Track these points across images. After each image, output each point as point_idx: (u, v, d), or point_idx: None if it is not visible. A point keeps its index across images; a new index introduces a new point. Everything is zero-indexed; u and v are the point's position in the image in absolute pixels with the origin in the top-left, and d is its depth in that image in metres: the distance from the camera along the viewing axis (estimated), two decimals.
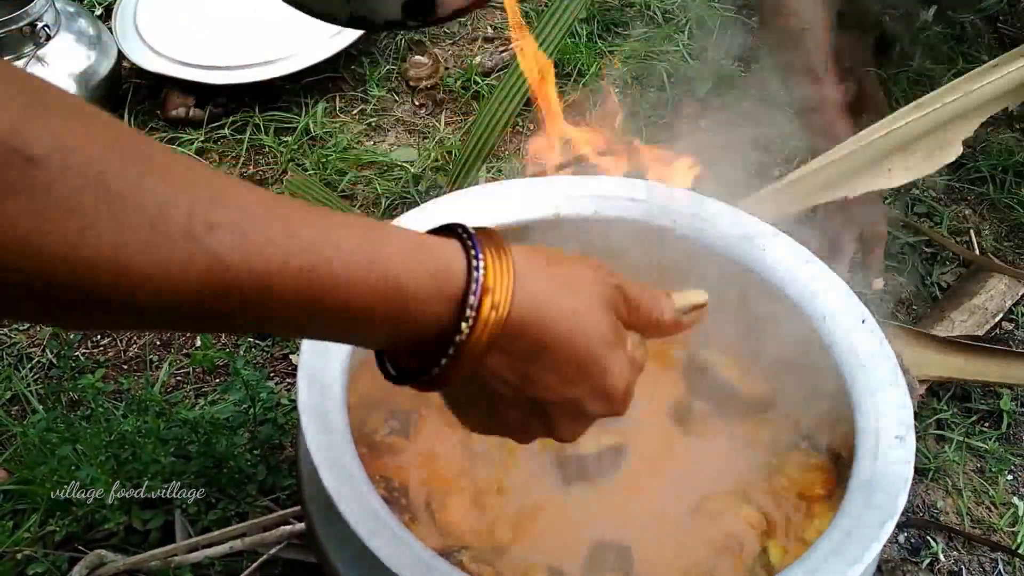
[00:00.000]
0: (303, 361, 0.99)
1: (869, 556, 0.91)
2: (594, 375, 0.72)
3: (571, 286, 0.72)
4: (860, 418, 1.04)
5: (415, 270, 0.64)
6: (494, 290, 0.65)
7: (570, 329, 0.70)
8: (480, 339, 0.66)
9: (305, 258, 0.60)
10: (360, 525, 0.87)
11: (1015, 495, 1.57)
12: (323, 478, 0.89)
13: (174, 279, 0.55)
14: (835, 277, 1.15)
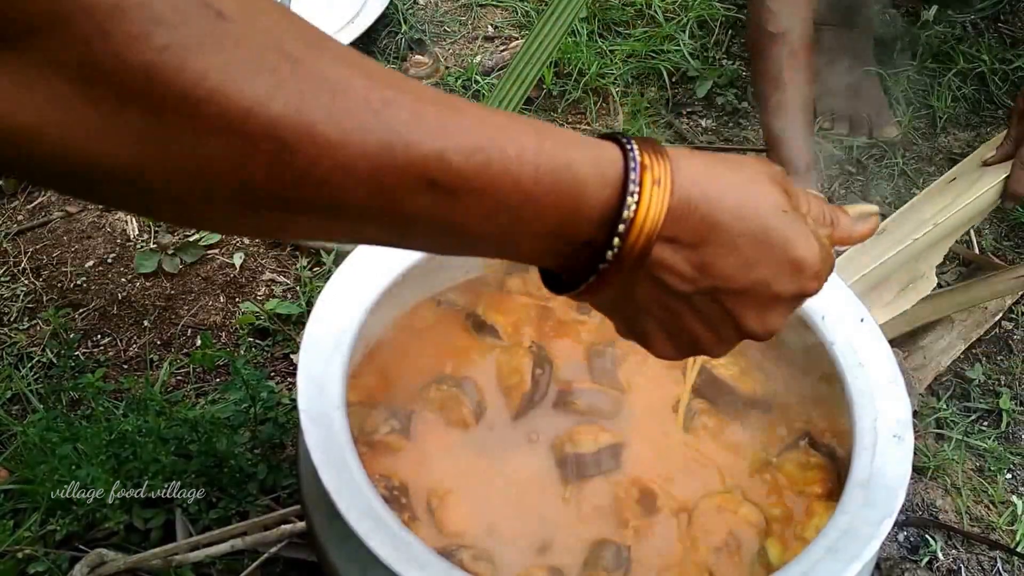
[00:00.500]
0: (303, 363, 1.00)
1: (867, 554, 0.91)
2: (776, 246, 0.66)
3: (731, 165, 0.67)
4: (858, 417, 1.05)
5: (578, 158, 0.63)
6: (652, 167, 0.63)
7: (739, 201, 0.65)
8: (646, 222, 0.63)
9: (479, 139, 0.60)
10: (359, 524, 0.87)
11: (1014, 494, 1.58)
12: (322, 478, 0.89)
13: (354, 147, 0.55)
14: (836, 277, 1.16)
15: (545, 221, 0.63)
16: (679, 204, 0.64)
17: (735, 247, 0.65)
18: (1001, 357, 1.76)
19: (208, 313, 1.69)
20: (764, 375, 1.22)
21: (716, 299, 0.67)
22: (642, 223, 0.63)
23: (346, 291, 1.09)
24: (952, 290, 1.64)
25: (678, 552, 1.10)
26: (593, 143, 0.65)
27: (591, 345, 1.26)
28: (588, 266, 0.65)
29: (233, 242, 1.80)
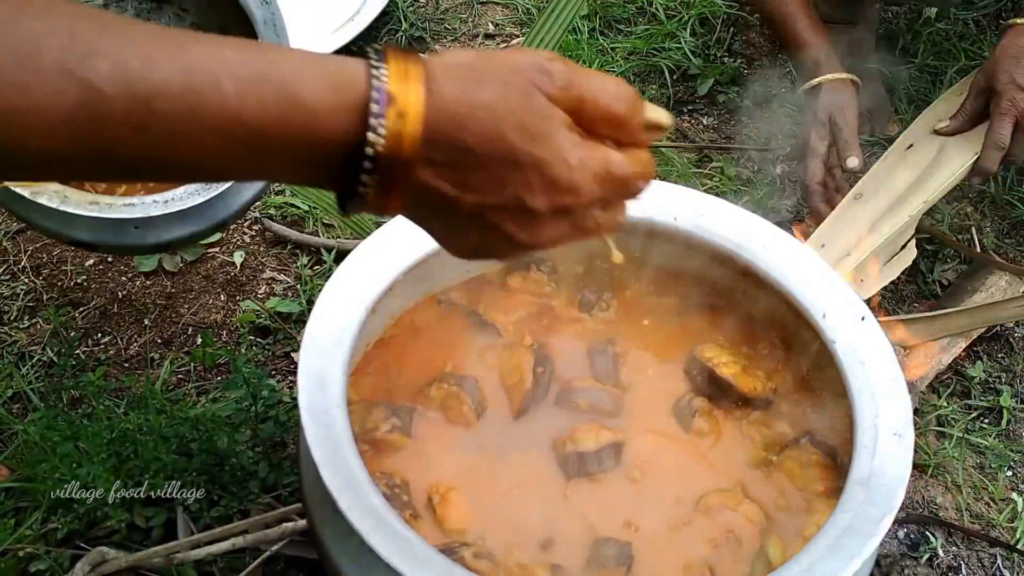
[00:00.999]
0: (303, 361, 1.00)
1: (867, 551, 0.92)
2: (524, 166, 0.67)
3: (487, 80, 0.66)
4: (859, 415, 1.05)
5: (311, 82, 0.61)
6: (397, 97, 0.62)
7: (487, 125, 0.65)
8: (399, 151, 0.63)
9: (191, 78, 0.58)
10: (360, 522, 0.87)
11: (1014, 491, 1.58)
12: (323, 476, 0.90)
13: (46, 116, 0.55)
14: (835, 274, 1.17)
15: (282, 152, 0.62)
16: (432, 131, 0.64)
17: (487, 167, 0.66)
18: (1002, 355, 1.77)
19: (208, 311, 1.69)
20: (765, 374, 1.22)
21: (481, 212, 0.68)
22: (394, 154, 0.63)
23: (347, 289, 1.09)
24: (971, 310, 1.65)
25: (679, 549, 1.10)
26: (334, 64, 0.63)
27: (592, 343, 1.26)
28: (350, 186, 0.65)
29: (233, 240, 1.80)
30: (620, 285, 1.31)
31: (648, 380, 1.24)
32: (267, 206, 1.85)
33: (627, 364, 1.25)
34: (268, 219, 1.82)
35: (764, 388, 1.21)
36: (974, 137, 1.75)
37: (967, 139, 1.76)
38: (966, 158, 1.74)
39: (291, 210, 1.84)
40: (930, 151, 1.77)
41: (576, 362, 1.25)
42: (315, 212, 1.83)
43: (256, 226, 1.83)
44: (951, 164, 1.73)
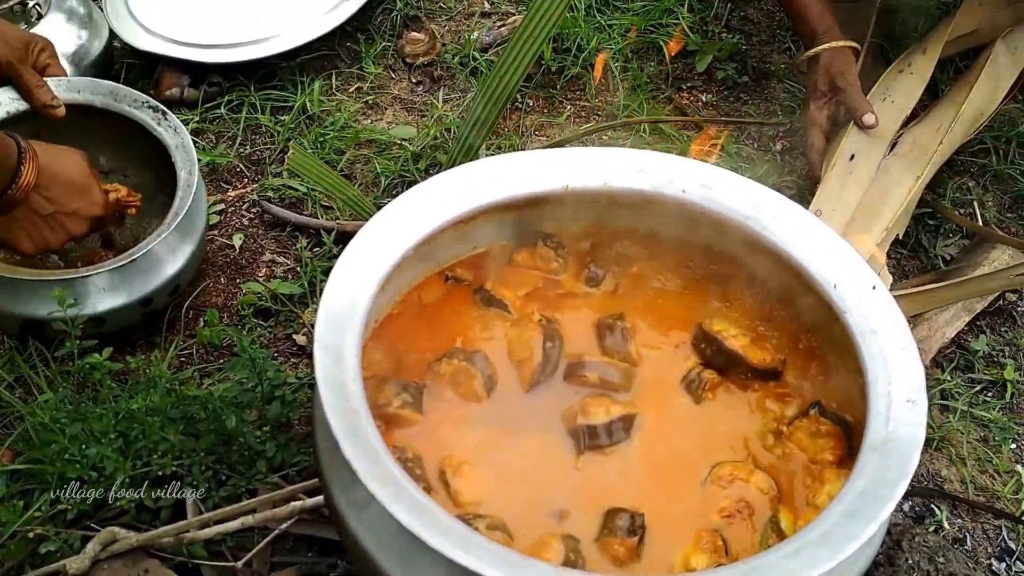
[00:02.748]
0: (319, 333, 1.02)
1: (883, 515, 0.94)
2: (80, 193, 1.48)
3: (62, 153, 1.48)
4: (871, 383, 1.07)
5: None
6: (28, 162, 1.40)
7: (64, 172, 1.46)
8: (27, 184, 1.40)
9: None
10: (381, 491, 0.89)
11: (1019, 463, 1.61)
12: (343, 446, 0.91)
13: None
14: (844, 244, 1.18)
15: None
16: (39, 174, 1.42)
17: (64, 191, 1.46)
18: (1005, 328, 1.79)
19: (209, 295, 1.71)
20: (774, 345, 1.24)
21: (56, 216, 1.46)
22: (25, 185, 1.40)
23: (359, 265, 1.11)
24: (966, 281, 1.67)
25: (690, 519, 1.12)
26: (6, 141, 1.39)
27: (600, 318, 1.28)
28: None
29: (232, 223, 1.82)
30: (627, 259, 1.33)
31: (657, 353, 1.26)
32: (264, 188, 1.86)
33: (636, 338, 1.27)
34: (266, 201, 1.84)
35: (773, 359, 1.24)
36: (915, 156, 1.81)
37: (905, 158, 1.81)
38: (916, 172, 1.78)
39: (289, 192, 1.86)
40: (872, 160, 1.80)
41: (585, 337, 1.27)
42: (313, 194, 1.85)
43: (254, 209, 1.84)
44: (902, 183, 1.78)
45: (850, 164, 1.77)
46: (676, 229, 1.28)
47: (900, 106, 1.86)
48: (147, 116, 1.62)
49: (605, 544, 1.08)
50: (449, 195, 1.21)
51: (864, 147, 1.80)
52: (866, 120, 1.78)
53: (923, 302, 1.66)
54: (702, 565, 1.07)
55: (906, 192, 1.75)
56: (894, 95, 1.87)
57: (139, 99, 1.64)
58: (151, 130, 1.61)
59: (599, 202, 1.27)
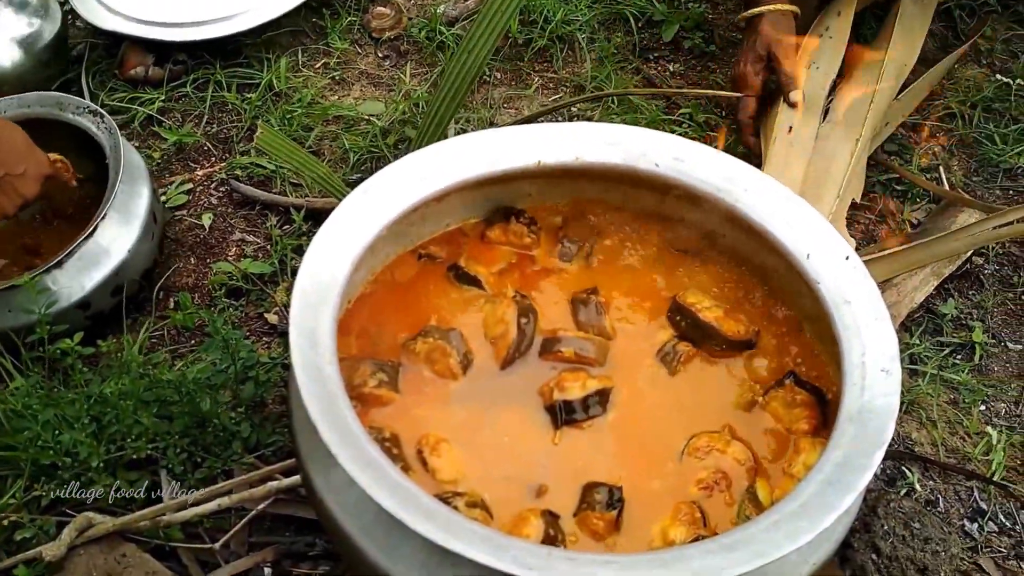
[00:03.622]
0: (295, 316, 1.00)
1: (861, 484, 0.94)
2: (25, 157, 1.50)
3: (3, 125, 1.51)
4: (846, 353, 1.07)
5: None
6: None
7: (6, 137, 1.48)
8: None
9: None
10: (361, 474, 0.88)
11: (988, 424, 1.61)
12: (321, 431, 0.90)
13: None
14: (818, 215, 1.18)
15: None
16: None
17: (2, 157, 1.47)
18: (973, 291, 1.79)
19: (180, 275, 1.68)
20: (748, 316, 1.24)
21: (7, 180, 1.48)
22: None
23: (332, 246, 1.10)
24: (933, 240, 1.67)
25: (668, 491, 1.12)
26: None
27: (574, 293, 1.27)
28: None
29: (201, 202, 1.79)
30: (601, 234, 1.32)
31: (632, 327, 1.26)
32: (233, 167, 1.83)
33: (611, 312, 1.26)
34: (235, 180, 1.81)
35: (747, 331, 1.23)
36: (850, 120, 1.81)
37: (841, 124, 1.81)
38: (855, 135, 1.78)
39: (257, 170, 1.83)
40: (810, 130, 1.80)
41: (559, 312, 1.26)
42: (282, 172, 1.82)
43: (223, 188, 1.82)
44: (843, 148, 1.77)
45: (789, 137, 1.77)
46: (649, 203, 1.27)
47: (826, 71, 1.86)
48: (87, 121, 1.63)
49: (584, 519, 1.08)
50: (421, 174, 1.20)
51: (799, 118, 1.80)
52: (792, 97, 1.78)
53: (892, 266, 1.67)
54: (681, 537, 1.07)
55: (849, 156, 1.75)
56: (819, 61, 1.87)
57: (81, 106, 1.65)
58: (93, 135, 1.62)
59: (571, 177, 1.26)
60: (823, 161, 1.74)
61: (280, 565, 1.33)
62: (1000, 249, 1.86)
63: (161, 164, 1.85)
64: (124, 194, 1.56)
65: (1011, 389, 1.67)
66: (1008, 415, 1.64)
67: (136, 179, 1.60)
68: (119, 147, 1.56)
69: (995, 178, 1.96)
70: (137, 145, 1.85)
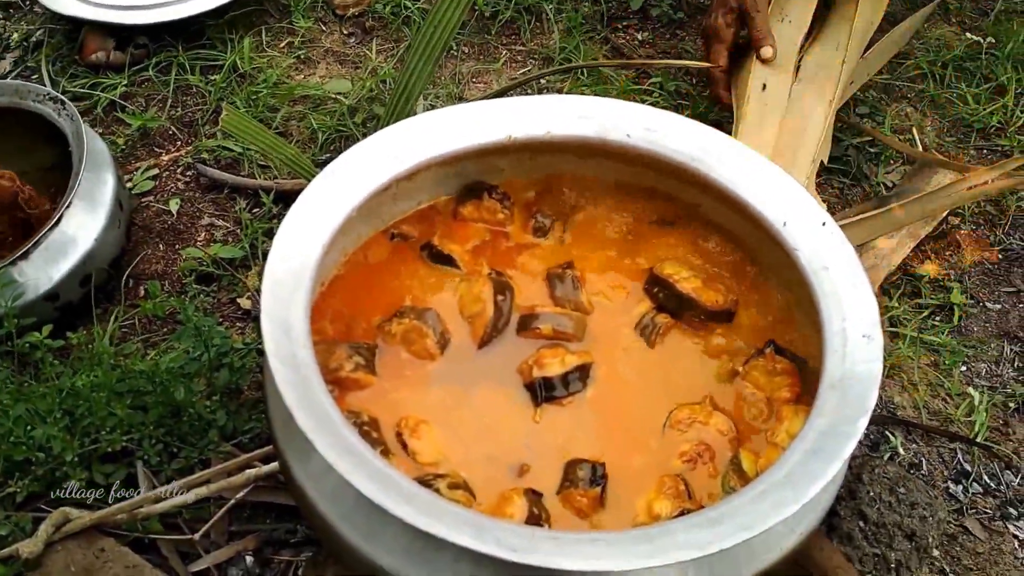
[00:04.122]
0: (266, 303, 0.98)
1: (846, 452, 0.93)
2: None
3: None
4: (826, 320, 1.06)
5: None
6: None
7: None
8: None
9: None
10: (340, 462, 0.87)
11: (970, 385, 1.61)
12: (298, 419, 0.89)
13: None
14: (793, 182, 1.17)
15: None
16: None
17: None
18: (949, 252, 1.79)
19: (148, 263, 1.66)
20: (726, 286, 1.23)
21: None
22: None
23: (302, 229, 1.08)
24: (909, 202, 1.66)
25: (652, 465, 1.11)
26: None
27: (550, 268, 1.26)
28: None
29: (168, 188, 1.77)
30: (574, 207, 1.30)
31: (610, 301, 1.25)
32: (199, 150, 1.81)
33: (587, 286, 1.25)
34: (201, 164, 1.79)
35: (726, 300, 1.22)
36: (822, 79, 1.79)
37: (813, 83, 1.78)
38: (828, 96, 1.76)
39: (224, 153, 1.81)
40: (783, 88, 1.77)
41: (535, 288, 1.25)
42: (249, 154, 1.80)
43: (189, 172, 1.79)
44: (816, 109, 1.75)
45: (763, 95, 1.75)
46: (622, 174, 1.26)
47: (797, 25, 1.83)
48: (48, 109, 1.60)
49: (567, 496, 1.07)
50: (391, 152, 1.18)
51: (772, 75, 1.77)
52: (764, 53, 1.75)
53: (868, 229, 1.66)
54: (666, 511, 1.06)
55: (823, 117, 1.73)
56: (790, 15, 1.85)
57: (41, 93, 1.62)
58: (54, 122, 1.59)
59: (543, 151, 1.24)
60: (797, 121, 1.73)
61: (262, 553, 1.31)
62: (975, 208, 1.85)
63: (126, 150, 1.82)
64: (88, 182, 1.53)
65: (991, 349, 1.66)
66: (989, 375, 1.63)
67: (100, 166, 1.57)
68: (81, 134, 1.53)
69: (968, 138, 1.95)
70: (101, 132, 1.82)
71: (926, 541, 1.21)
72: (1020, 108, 1.98)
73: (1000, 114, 1.98)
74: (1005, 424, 1.57)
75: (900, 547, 1.21)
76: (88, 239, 1.52)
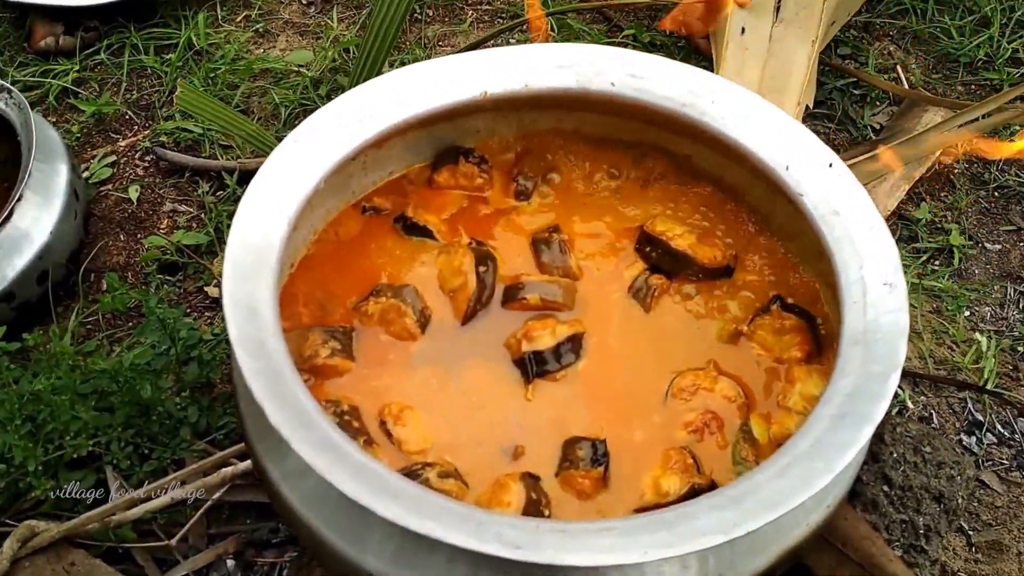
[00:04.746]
0: (227, 289, 0.87)
1: (877, 414, 0.83)
2: None
3: None
4: (841, 269, 0.96)
5: None
6: None
7: None
8: None
9: None
10: (317, 458, 0.76)
11: (975, 331, 1.53)
12: (269, 413, 0.78)
13: None
14: (794, 122, 1.06)
15: None
16: None
17: None
18: (945, 193, 1.70)
19: (109, 254, 1.54)
20: (722, 241, 1.12)
21: None
22: None
23: (265, 205, 0.96)
24: (901, 143, 1.56)
25: (656, 439, 1.01)
26: None
27: (535, 233, 1.15)
28: None
29: (126, 174, 1.65)
30: (557, 166, 1.20)
31: (599, 264, 1.14)
32: (157, 134, 1.69)
33: (575, 250, 1.14)
34: (160, 147, 1.67)
35: (724, 255, 1.12)
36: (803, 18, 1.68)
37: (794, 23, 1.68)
38: (811, 36, 1.66)
39: (184, 135, 1.69)
40: (763, 31, 1.67)
41: (520, 256, 1.15)
42: (211, 134, 1.68)
43: (148, 156, 1.67)
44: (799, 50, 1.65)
45: (743, 39, 1.64)
46: (607, 127, 1.15)
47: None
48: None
49: (567, 478, 0.97)
50: (356, 117, 1.07)
51: (751, 18, 1.66)
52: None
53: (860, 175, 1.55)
54: (675, 487, 0.97)
55: (806, 59, 1.63)
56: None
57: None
58: (2, 112, 1.49)
59: (521, 107, 1.13)
60: (779, 64, 1.62)
61: (243, 555, 1.22)
62: (969, 146, 1.76)
63: (81, 138, 1.70)
64: (40, 172, 1.43)
65: (994, 291, 1.58)
66: (994, 319, 1.55)
67: (52, 156, 1.46)
68: (30, 123, 1.43)
69: (955, 73, 1.87)
70: (54, 120, 1.71)
71: (955, 503, 1.11)
72: (1007, 39, 1.89)
73: (986, 47, 1.90)
74: (1015, 369, 1.49)
75: (928, 511, 1.11)
76: (43, 233, 1.42)
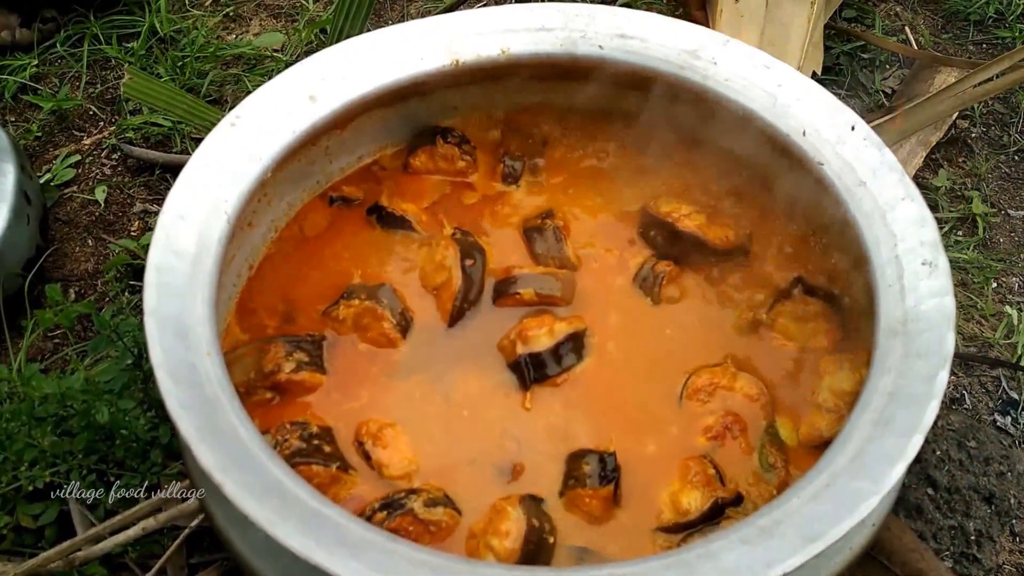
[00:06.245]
0: (149, 304, 0.72)
1: (926, 420, 0.68)
2: None
3: None
4: (872, 247, 0.81)
5: None
6: None
7: None
8: None
9: None
10: (258, 508, 0.61)
11: (1005, 303, 1.38)
12: (198, 455, 0.63)
13: None
14: (809, 80, 0.90)
15: None
16: None
17: None
18: (963, 159, 1.56)
19: (75, 261, 1.40)
20: (736, 219, 0.97)
21: None
22: None
23: (197, 201, 0.81)
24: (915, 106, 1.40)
25: (672, 448, 0.88)
26: None
27: (526, 220, 1.01)
28: None
29: (92, 174, 1.50)
30: (548, 144, 1.05)
31: (600, 252, 1.00)
32: (124, 129, 1.54)
33: (572, 237, 1.00)
34: (128, 144, 1.52)
35: (738, 236, 0.99)
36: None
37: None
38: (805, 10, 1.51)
39: (152, 130, 1.54)
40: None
41: (511, 246, 1.01)
42: (181, 127, 1.53)
43: (115, 154, 1.52)
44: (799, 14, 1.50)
45: (738, 7, 1.48)
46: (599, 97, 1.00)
47: None
48: None
49: (573, 498, 0.84)
50: (306, 94, 0.91)
51: None
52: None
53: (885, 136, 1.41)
54: (696, 504, 0.83)
55: (806, 23, 1.48)
56: None
57: None
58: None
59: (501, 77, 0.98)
60: (779, 31, 1.47)
61: None
62: (984, 108, 1.61)
63: (42, 137, 1.55)
64: None
65: (1021, 261, 1.44)
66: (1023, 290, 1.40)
67: None
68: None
69: (965, 33, 1.73)
70: (13, 119, 1.56)
71: (1007, 503, 0.96)
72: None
73: (996, 3, 1.77)
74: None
75: (979, 514, 0.96)
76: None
